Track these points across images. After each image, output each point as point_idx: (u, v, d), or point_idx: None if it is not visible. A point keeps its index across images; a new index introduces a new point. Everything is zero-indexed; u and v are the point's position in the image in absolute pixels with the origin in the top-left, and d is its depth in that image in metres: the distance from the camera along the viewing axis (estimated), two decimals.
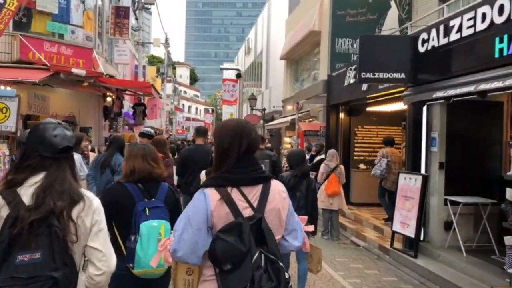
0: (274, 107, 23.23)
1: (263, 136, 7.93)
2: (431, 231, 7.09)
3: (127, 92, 15.46)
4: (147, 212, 2.74)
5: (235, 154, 1.99)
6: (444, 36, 6.28)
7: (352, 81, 9.68)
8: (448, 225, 6.89)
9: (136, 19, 17.81)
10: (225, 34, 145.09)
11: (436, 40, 6.48)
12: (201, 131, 6.56)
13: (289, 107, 20.64)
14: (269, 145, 13.81)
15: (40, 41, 11.34)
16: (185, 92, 79.76)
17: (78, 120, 13.97)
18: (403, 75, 7.16)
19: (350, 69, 9.80)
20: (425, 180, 6.77)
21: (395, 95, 8.43)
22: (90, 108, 14.54)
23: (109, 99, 14.52)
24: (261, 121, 24.36)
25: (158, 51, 54.97)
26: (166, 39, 37.02)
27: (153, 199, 2.85)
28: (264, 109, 23.57)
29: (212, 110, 54.31)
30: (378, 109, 10.46)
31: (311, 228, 2.47)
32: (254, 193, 1.99)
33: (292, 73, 21.69)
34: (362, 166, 11.18)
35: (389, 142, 9.59)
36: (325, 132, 12.80)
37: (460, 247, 6.49)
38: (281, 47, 21.95)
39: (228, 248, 1.82)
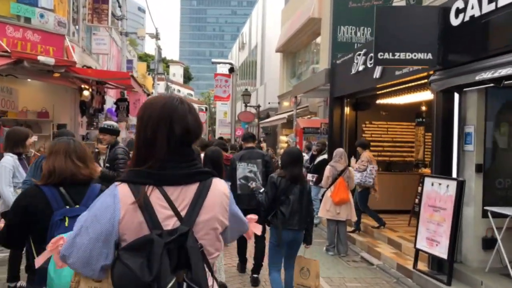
0: (269, 103, 21.80)
1: (253, 134, 6.63)
2: (465, 250, 5.69)
3: (107, 85, 14.04)
4: (66, 222, 2.25)
5: (161, 147, 1.49)
6: (490, 2, 4.88)
7: (361, 68, 8.28)
8: (487, 243, 5.50)
9: (119, 6, 16.33)
10: (220, 33, 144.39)
11: (477, 8, 5.08)
12: None
13: (285, 103, 19.24)
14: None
15: (2, 24, 9.95)
16: (179, 91, 78.70)
17: (51, 116, 12.59)
18: (429, 56, 5.76)
19: (359, 54, 8.39)
20: (461, 187, 5.36)
21: (415, 83, 7.04)
22: (65, 102, 13.09)
23: (86, 92, 13.11)
24: (256, 119, 22.95)
25: (151, 49, 53.50)
26: (157, 33, 35.63)
27: (78, 206, 2.32)
28: (258, 106, 22.16)
29: (206, 109, 52.74)
30: (390, 102, 9.06)
31: (258, 229, 2.00)
32: (184, 196, 1.51)
33: (288, 67, 20.26)
34: None
35: (366, 145, 8.28)
36: (327, 129, 11.41)
37: (506, 272, 5.10)
38: (277, 40, 20.54)
39: (126, 276, 1.34)
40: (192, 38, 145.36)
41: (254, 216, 2.00)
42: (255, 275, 5.53)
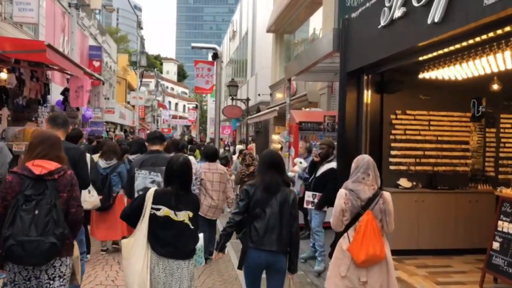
0: (259, 95, 18.26)
1: (161, 133, 3.69)
2: None
3: (47, 68, 10.51)
4: None
5: None
6: None
7: (398, 13, 4.71)
8: None
9: None
10: (217, 31, 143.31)
11: None
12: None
13: (278, 95, 15.72)
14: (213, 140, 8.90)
15: None
16: (172, 89, 75.68)
17: None
18: None
19: None
20: None
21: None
22: None
23: (3, 75, 9.62)
24: (246, 115, 19.43)
25: (148, 48, 50.22)
26: (139, 21, 32.59)
27: None
28: (247, 99, 18.60)
29: (196, 106, 49.12)
30: (441, 75, 5.51)
31: None
32: None
33: (282, 50, 16.74)
34: (403, 182, 6.21)
35: (211, 155, 6.58)
36: (332, 124, 7.88)
37: None
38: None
39: None
40: (189, 36, 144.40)
41: None
42: None
